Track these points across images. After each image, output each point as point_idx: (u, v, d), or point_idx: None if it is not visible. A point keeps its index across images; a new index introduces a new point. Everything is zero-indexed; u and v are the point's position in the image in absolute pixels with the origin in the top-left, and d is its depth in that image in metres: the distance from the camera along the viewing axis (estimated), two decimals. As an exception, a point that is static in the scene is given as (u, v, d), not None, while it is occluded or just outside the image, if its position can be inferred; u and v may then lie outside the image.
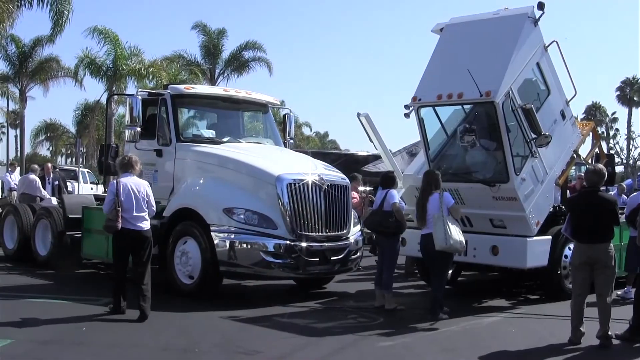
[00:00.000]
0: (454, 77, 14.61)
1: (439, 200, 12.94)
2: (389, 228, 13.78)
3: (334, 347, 10.88)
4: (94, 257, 17.91)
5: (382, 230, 13.92)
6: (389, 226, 13.74)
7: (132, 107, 15.68)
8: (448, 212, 12.93)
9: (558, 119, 15.53)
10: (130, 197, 12.43)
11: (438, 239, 12.83)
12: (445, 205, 12.93)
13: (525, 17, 14.88)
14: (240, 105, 17.44)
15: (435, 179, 13.40)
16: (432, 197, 13.09)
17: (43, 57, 53.89)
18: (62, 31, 32.07)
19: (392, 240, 13.91)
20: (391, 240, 13.91)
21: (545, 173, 14.93)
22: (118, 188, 12.38)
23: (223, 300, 14.22)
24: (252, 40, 55.17)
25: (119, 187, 12.40)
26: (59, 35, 32.57)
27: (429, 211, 13.05)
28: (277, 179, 14.26)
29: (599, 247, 11.27)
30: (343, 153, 37.31)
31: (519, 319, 13.39)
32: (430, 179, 13.47)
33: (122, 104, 51.48)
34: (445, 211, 12.88)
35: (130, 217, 12.41)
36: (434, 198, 13.05)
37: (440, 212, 12.85)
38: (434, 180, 13.38)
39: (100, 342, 10.90)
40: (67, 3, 31.28)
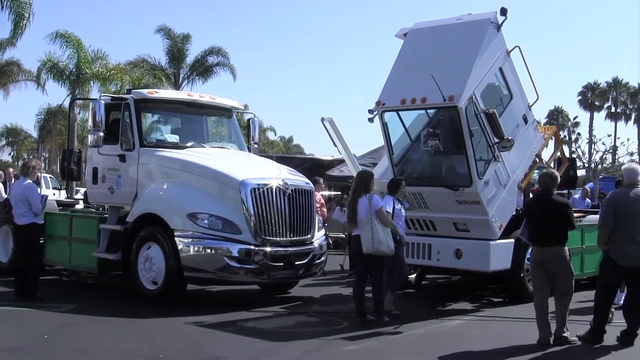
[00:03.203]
0: (417, 82, 14.67)
1: (367, 203, 12.93)
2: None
3: (299, 351, 10.88)
4: (56, 263, 17.78)
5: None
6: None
7: (95, 112, 15.55)
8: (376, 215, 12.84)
9: (520, 123, 15.65)
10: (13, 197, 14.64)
11: (365, 242, 12.81)
12: (373, 209, 12.85)
13: (488, 22, 14.98)
14: (204, 110, 17.41)
15: (365, 181, 13.31)
16: (360, 200, 12.99)
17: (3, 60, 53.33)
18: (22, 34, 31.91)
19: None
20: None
21: (508, 177, 15.04)
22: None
23: (188, 306, 14.17)
24: (216, 46, 55.11)
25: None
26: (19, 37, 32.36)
27: (359, 213, 12.96)
28: (241, 183, 14.24)
29: (552, 250, 11.42)
30: (307, 158, 37.32)
31: (483, 322, 13.46)
32: (360, 180, 13.44)
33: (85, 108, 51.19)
34: (374, 214, 12.79)
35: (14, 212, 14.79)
36: (362, 201, 12.96)
37: (369, 215, 12.81)
38: (364, 181, 13.31)
39: (63, 349, 10.83)
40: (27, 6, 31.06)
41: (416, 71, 15.13)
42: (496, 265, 14.59)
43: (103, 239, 15.83)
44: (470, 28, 15.24)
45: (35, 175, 15.32)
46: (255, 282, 15.08)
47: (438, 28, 15.82)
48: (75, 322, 12.76)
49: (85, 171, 17.92)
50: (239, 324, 12.77)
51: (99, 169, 16.23)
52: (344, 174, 25.34)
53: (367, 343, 11.53)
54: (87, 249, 16.17)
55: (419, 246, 15.04)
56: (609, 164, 67.85)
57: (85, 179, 18.25)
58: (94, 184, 16.47)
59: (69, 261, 17.00)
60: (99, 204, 18.22)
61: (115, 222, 15.85)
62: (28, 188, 14.76)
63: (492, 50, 14.98)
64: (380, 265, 13.03)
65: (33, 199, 14.65)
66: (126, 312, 13.48)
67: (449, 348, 11.20)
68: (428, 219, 14.98)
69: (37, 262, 15.30)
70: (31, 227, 14.79)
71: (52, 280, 17.95)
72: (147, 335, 11.76)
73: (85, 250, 16.21)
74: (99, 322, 12.66)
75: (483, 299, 16.07)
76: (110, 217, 16.18)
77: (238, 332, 12.09)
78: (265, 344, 11.31)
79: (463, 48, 14.97)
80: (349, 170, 18.80)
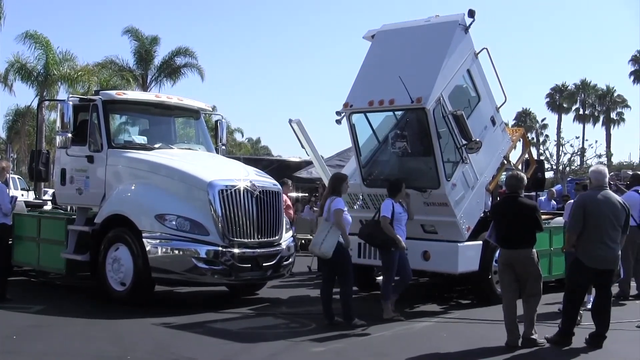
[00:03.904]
0: (385, 84, 14.71)
1: (329, 204, 12.96)
2: (375, 239, 13.68)
3: (267, 352, 10.90)
4: (24, 264, 17.68)
5: (371, 242, 13.94)
6: (378, 238, 13.58)
7: (63, 113, 15.51)
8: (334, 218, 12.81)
9: (488, 125, 15.73)
10: None
11: (313, 243, 12.98)
12: (331, 210, 12.87)
13: (456, 24, 15.05)
14: (172, 112, 17.37)
15: (334, 182, 13.30)
16: (327, 201, 13.02)
17: (-30, 61, 53.00)
18: (-6, 34, 31.63)
19: (384, 253, 13.60)
20: (383, 253, 13.65)
21: (476, 179, 15.11)
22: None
23: (156, 307, 14.12)
24: (183, 47, 54.69)
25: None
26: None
27: (323, 214, 13.04)
28: (209, 185, 14.23)
29: (519, 252, 11.47)
30: (275, 159, 37.40)
31: (451, 324, 13.50)
32: (330, 182, 13.49)
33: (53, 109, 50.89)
34: (332, 216, 12.81)
35: None
36: (327, 202, 12.99)
37: (327, 215, 12.88)
38: (333, 183, 13.32)
39: (31, 350, 10.77)
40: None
41: (384, 73, 15.16)
42: (464, 267, 14.65)
43: (71, 240, 15.77)
44: (438, 30, 15.30)
45: (5, 176, 15.38)
46: (223, 283, 15.08)
47: (406, 30, 15.87)
48: (43, 323, 12.71)
49: (53, 172, 17.81)
50: (207, 325, 12.76)
51: (67, 170, 16.16)
52: (312, 176, 25.40)
53: (335, 345, 11.55)
54: (55, 250, 16.09)
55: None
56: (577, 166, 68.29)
57: (53, 180, 18.16)
58: (62, 185, 16.40)
59: (37, 262, 16.91)
60: (67, 205, 18.15)
61: (84, 223, 15.79)
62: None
63: (460, 52, 15.05)
64: (344, 269, 12.99)
65: (2, 200, 14.62)
66: (94, 313, 13.44)
67: (417, 350, 11.26)
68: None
69: (5, 263, 15.25)
70: (0, 227, 14.76)
71: (21, 281, 17.85)
72: (115, 337, 11.73)
73: (54, 251, 16.13)
74: (67, 323, 12.62)
75: (451, 301, 16.13)
76: (78, 218, 16.13)
77: (206, 333, 12.09)
78: (234, 345, 11.31)
79: (431, 50, 15.02)
80: (317, 172, 18.83)
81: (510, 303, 11.57)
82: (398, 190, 13.79)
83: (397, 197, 13.76)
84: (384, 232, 13.38)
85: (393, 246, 13.40)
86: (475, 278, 15.18)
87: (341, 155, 25.19)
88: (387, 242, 13.44)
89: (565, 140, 72.47)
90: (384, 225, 13.37)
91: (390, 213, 13.45)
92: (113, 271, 14.48)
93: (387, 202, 13.68)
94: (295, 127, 15.96)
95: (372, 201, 15.25)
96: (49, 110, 50.78)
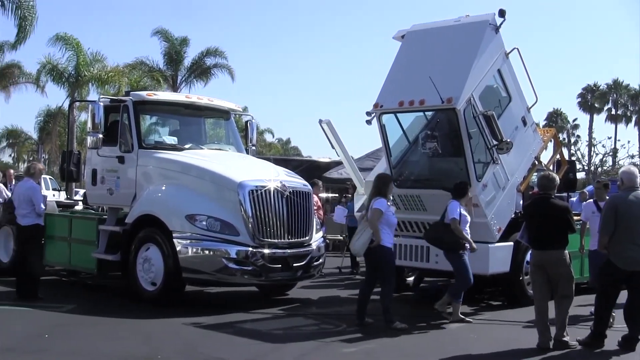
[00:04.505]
0: (415, 84, 14.66)
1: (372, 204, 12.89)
2: (445, 243, 13.55)
3: (297, 353, 10.89)
4: (56, 263, 17.83)
5: (440, 245, 13.77)
6: (446, 241, 13.47)
7: (94, 114, 15.63)
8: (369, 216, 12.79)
9: (519, 126, 15.62)
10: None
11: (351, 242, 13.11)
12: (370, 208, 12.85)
13: (486, 24, 14.97)
14: (203, 112, 17.42)
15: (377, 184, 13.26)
16: (372, 200, 12.97)
17: (4, 63, 53.38)
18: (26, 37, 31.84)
19: (452, 255, 13.50)
20: (452, 255, 13.52)
21: (507, 179, 15.01)
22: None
23: (186, 307, 14.17)
24: (213, 47, 54.80)
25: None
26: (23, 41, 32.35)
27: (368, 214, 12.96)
28: (239, 185, 14.25)
29: (551, 253, 11.38)
30: (305, 159, 37.37)
31: (482, 325, 13.44)
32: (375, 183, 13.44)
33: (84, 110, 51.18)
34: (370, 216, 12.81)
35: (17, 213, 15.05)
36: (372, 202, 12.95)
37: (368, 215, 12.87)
38: (379, 184, 13.25)
39: (61, 349, 10.83)
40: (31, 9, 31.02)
41: (414, 73, 15.11)
42: (495, 268, 14.56)
43: (102, 240, 15.86)
44: (469, 30, 15.23)
45: (40, 177, 15.67)
46: (253, 283, 15.10)
47: (436, 30, 15.81)
48: (74, 323, 12.80)
49: (84, 173, 17.92)
50: (237, 325, 12.77)
51: (98, 171, 16.27)
52: (342, 177, 25.34)
53: (365, 345, 11.53)
54: (86, 249, 16.19)
55: (417, 248, 14.99)
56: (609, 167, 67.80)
57: (84, 180, 18.26)
58: (93, 185, 16.52)
59: (69, 262, 17.04)
60: (98, 205, 18.25)
61: (114, 224, 15.88)
62: (32, 189, 15.03)
63: (491, 52, 14.96)
64: (386, 270, 12.93)
65: (36, 200, 14.85)
66: (125, 313, 13.49)
67: (447, 351, 11.21)
68: (426, 222, 14.91)
69: (37, 263, 15.36)
70: (34, 227, 14.98)
71: (52, 280, 17.99)
72: (145, 336, 11.77)
73: (85, 251, 16.23)
74: (97, 323, 12.69)
75: (482, 302, 16.05)
76: (109, 219, 16.22)
77: (236, 333, 12.09)
78: (263, 346, 11.31)
79: (461, 50, 14.96)
80: (347, 172, 18.80)
81: (541, 305, 11.48)
82: (464, 193, 13.66)
83: (463, 200, 13.62)
84: (453, 235, 13.28)
85: (461, 249, 13.32)
86: (506, 279, 15.08)
87: (371, 156, 25.16)
88: (456, 244, 13.36)
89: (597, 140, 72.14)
90: (455, 227, 13.22)
91: (460, 215, 13.35)
92: (144, 271, 14.54)
93: (454, 204, 13.46)
94: (325, 128, 15.94)
95: (403, 202, 15.17)
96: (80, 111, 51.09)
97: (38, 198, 14.93)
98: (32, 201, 14.85)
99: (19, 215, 15.02)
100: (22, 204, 14.92)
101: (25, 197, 14.89)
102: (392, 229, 13.04)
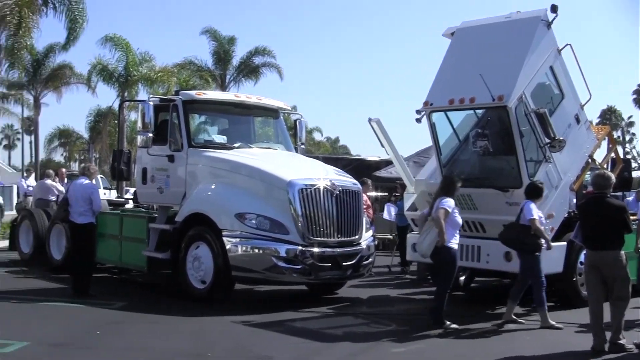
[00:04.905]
0: (465, 82, 14.53)
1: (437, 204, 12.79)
2: (525, 245, 13.18)
3: (346, 352, 10.85)
4: (107, 261, 18.02)
5: (517, 246, 13.40)
6: (525, 242, 13.12)
7: (144, 113, 15.75)
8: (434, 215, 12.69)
9: (572, 123, 15.40)
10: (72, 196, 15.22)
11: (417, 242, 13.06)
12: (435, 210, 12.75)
13: (538, 20, 14.78)
14: (252, 111, 17.45)
15: (444, 184, 13.19)
16: (437, 200, 12.86)
17: (56, 64, 54.06)
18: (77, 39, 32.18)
19: (529, 257, 13.17)
20: (528, 257, 13.19)
21: (559, 178, 14.78)
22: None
23: (235, 305, 14.21)
24: (262, 46, 54.97)
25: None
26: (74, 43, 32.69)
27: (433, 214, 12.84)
28: (289, 184, 14.24)
29: (607, 254, 11.10)
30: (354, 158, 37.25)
31: (534, 326, 13.25)
32: (443, 183, 13.33)
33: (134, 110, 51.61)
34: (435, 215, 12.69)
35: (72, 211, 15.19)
36: (437, 201, 12.83)
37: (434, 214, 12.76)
38: (446, 184, 13.18)
39: (113, 345, 10.94)
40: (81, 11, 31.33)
41: (464, 71, 14.98)
42: (548, 269, 14.29)
43: (152, 238, 15.99)
44: (520, 26, 15.04)
45: (94, 177, 15.96)
46: (303, 282, 15.07)
47: (486, 26, 15.64)
48: (125, 320, 12.93)
49: (134, 171, 18.06)
50: (286, 323, 12.77)
51: (148, 169, 16.39)
52: (392, 176, 25.22)
53: (415, 345, 11.46)
54: (136, 247, 16.36)
55: (468, 248, 14.83)
56: (666, 165, 66.88)
57: (134, 179, 18.40)
58: (143, 184, 16.64)
59: (120, 259, 17.23)
60: (148, 203, 18.36)
61: (165, 222, 15.99)
62: (91, 188, 15.41)
63: (543, 48, 14.76)
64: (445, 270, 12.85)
65: (95, 198, 15.21)
66: (174, 311, 13.57)
67: (498, 352, 11.06)
68: (477, 221, 14.78)
69: (89, 260, 15.54)
70: (89, 226, 15.29)
71: (103, 277, 18.13)
72: (194, 334, 11.80)
73: (135, 249, 16.39)
74: (148, 320, 12.79)
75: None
76: (159, 217, 16.34)
77: (285, 332, 12.09)
78: (312, 345, 11.30)
79: (512, 47, 14.78)
80: (396, 171, 18.69)
81: (596, 306, 11.25)
82: (539, 195, 13.37)
83: (538, 202, 13.30)
84: (532, 236, 12.95)
85: (540, 250, 13.07)
86: (559, 280, 14.85)
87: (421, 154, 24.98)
88: (536, 245, 13.03)
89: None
90: (537, 228, 12.89)
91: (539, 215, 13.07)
92: (193, 269, 14.60)
93: (529, 204, 13.09)
94: (375, 126, 15.82)
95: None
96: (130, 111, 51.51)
97: (97, 197, 15.30)
98: (90, 199, 15.12)
99: (75, 213, 15.19)
100: (79, 201, 15.11)
101: (83, 195, 15.11)
102: (457, 230, 12.93)
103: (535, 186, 13.41)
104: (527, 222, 12.93)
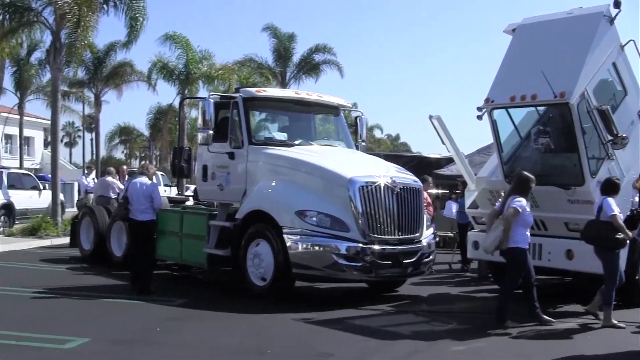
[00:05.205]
0: (527, 79, 14.43)
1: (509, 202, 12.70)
2: (606, 241, 12.87)
3: (406, 350, 10.83)
4: (167, 258, 18.14)
5: (600, 243, 13.05)
6: (607, 239, 12.81)
7: (204, 111, 15.84)
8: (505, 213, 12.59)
9: (635, 120, 15.21)
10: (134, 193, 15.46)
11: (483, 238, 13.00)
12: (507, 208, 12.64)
13: (600, 15, 14.62)
14: (312, 108, 17.47)
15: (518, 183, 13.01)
16: (510, 198, 12.73)
17: (117, 62, 54.70)
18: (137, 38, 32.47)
19: (610, 254, 12.89)
20: (608, 254, 12.90)
21: (622, 176, 14.57)
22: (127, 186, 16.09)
23: (295, 303, 14.25)
24: (322, 43, 54.89)
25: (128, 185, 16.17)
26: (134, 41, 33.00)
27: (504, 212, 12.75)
28: (350, 181, 14.24)
29: None
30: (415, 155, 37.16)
31: (596, 326, 13.09)
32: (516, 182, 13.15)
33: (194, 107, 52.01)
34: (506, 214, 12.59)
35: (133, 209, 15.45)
36: (509, 200, 12.71)
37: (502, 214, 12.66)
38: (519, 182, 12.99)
39: (172, 342, 11.03)
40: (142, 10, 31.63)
41: (525, 67, 14.88)
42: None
43: (213, 235, 16.06)
44: (582, 22, 14.88)
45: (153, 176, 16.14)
46: (363, 279, 15.06)
47: (548, 23, 15.51)
48: (185, 316, 13.02)
49: (195, 168, 18.18)
50: (346, 321, 12.75)
51: (209, 167, 16.50)
52: (452, 173, 25.10)
53: (475, 344, 11.39)
54: (197, 244, 16.43)
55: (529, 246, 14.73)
56: None
57: (195, 176, 18.53)
58: (203, 181, 16.76)
59: (180, 256, 17.33)
60: (208, 200, 18.49)
61: (225, 219, 16.08)
62: (152, 185, 15.72)
63: (605, 44, 14.59)
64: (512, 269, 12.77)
65: (155, 195, 15.51)
66: (234, 307, 13.64)
67: (559, 351, 10.94)
68: (539, 219, 14.64)
69: (150, 257, 15.78)
70: (150, 223, 15.59)
71: (164, 274, 18.34)
72: (255, 331, 11.88)
73: (196, 246, 16.48)
74: (208, 317, 12.86)
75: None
76: (219, 214, 16.43)
77: (345, 329, 12.09)
78: (372, 342, 11.28)
79: (574, 43, 14.64)
80: (457, 168, 18.61)
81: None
82: (616, 191, 13.10)
83: (615, 197, 13.02)
84: (615, 232, 12.66)
85: (620, 247, 12.86)
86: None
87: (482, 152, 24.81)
88: (619, 242, 12.80)
89: None
90: (618, 224, 12.66)
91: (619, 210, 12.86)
92: (254, 266, 14.69)
93: (608, 200, 12.84)
94: (436, 123, 15.77)
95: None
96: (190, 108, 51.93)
97: (157, 194, 15.59)
98: (151, 197, 15.40)
99: (137, 210, 15.40)
100: (141, 199, 15.36)
101: (145, 193, 15.36)
102: (527, 229, 12.80)
103: (612, 182, 13.16)
104: (607, 219, 12.70)
